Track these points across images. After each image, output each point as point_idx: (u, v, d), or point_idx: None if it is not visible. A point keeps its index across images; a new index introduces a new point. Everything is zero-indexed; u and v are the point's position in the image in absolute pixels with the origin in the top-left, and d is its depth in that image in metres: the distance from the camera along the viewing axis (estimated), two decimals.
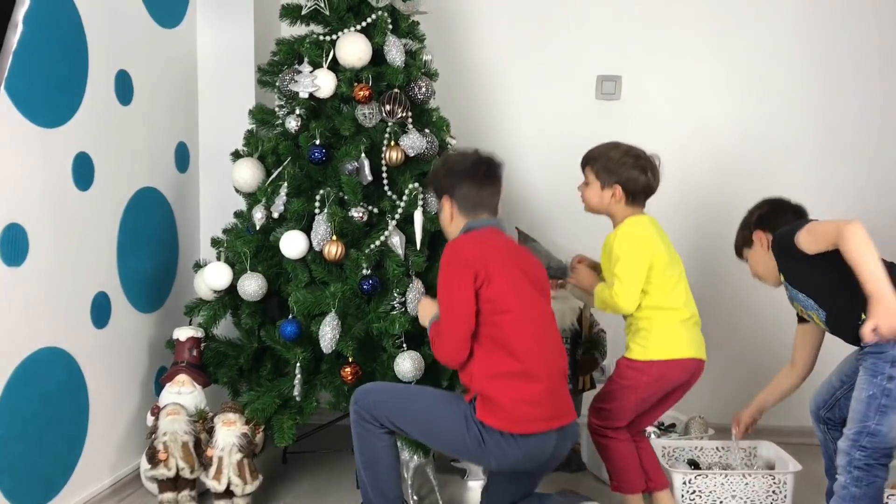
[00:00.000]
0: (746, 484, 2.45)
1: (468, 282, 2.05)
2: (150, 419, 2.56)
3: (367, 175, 2.54)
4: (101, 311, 2.47)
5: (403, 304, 2.48)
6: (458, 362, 2.10)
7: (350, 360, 2.43)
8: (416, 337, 2.48)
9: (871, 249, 1.92)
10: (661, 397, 2.38)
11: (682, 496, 2.44)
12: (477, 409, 2.04)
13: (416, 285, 2.49)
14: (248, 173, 2.63)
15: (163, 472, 2.41)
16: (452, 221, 2.20)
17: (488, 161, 2.20)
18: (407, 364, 2.39)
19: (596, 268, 2.48)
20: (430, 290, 2.53)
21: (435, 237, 2.66)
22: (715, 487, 2.45)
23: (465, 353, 2.07)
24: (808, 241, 2.07)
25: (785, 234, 2.16)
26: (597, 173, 2.37)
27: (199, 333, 2.65)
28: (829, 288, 2.10)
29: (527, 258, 2.22)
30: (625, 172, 2.33)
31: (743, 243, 2.40)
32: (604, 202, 2.37)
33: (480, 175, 2.18)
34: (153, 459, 2.42)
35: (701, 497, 2.45)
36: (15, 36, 0.89)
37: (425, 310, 2.27)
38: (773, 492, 2.44)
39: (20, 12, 0.87)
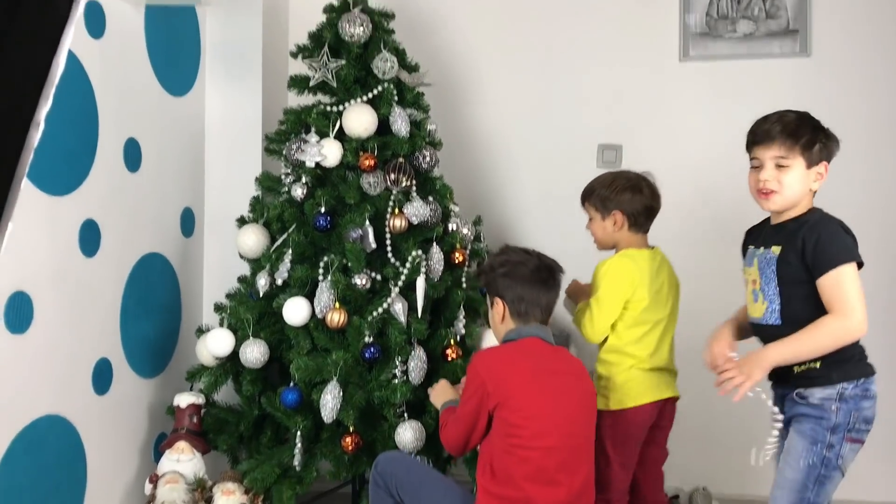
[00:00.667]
0: None
1: (477, 400, 2.00)
2: (148, 487, 2.52)
3: (371, 242, 2.56)
4: (102, 377, 2.47)
5: (405, 372, 2.47)
6: (457, 455, 2.13)
7: (351, 429, 2.41)
8: (418, 406, 2.47)
9: (827, 347, 1.88)
10: (643, 444, 2.32)
11: None
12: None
13: (418, 353, 2.48)
14: (253, 239, 2.66)
15: None
16: (502, 323, 2.13)
17: (550, 267, 2.13)
18: (408, 434, 2.38)
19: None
20: (432, 360, 2.53)
21: (437, 304, 2.67)
22: None
23: (461, 454, 2.12)
24: (828, 287, 1.88)
25: (833, 253, 1.90)
26: (595, 206, 2.39)
27: (200, 400, 2.63)
28: (804, 314, 1.93)
29: (567, 375, 2.08)
30: (619, 197, 2.34)
31: None
32: (608, 232, 2.38)
33: (540, 281, 2.10)
34: None
35: None
36: (37, 135, 0.91)
37: (440, 394, 2.26)
38: None
39: (42, 112, 0.89)
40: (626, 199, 2.34)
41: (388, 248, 2.60)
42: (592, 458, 2.09)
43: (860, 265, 1.93)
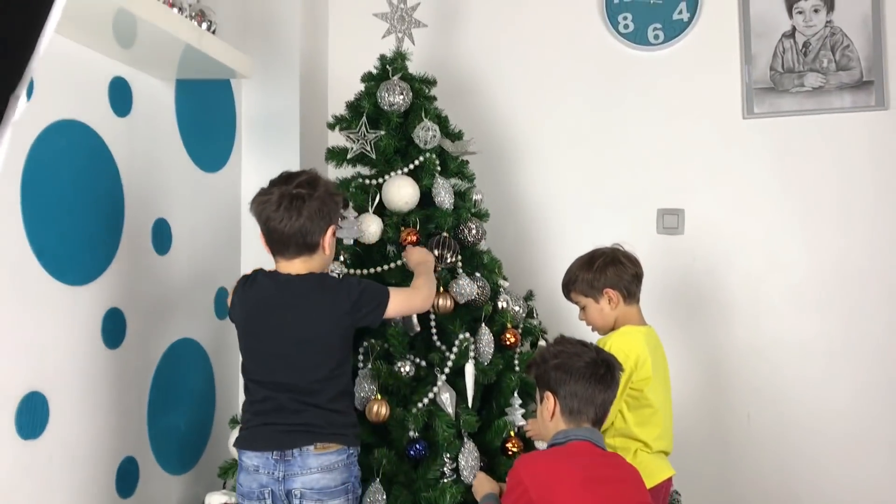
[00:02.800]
0: None
1: None
2: None
3: (416, 325, 2.35)
4: (127, 478, 2.28)
5: (455, 470, 2.24)
6: None
7: None
8: None
9: None
10: None
11: None
12: None
13: (469, 448, 2.25)
14: None
15: None
16: (552, 420, 1.92)
17: (608, 363, 1.92)
18: None
19: None
20: (487, 454, 2.30)
21: (487, 391, 2.44)
22: None
23: None
24: None
25: None
26: (583, 293, 2.33)
27: (233, 499, 2.42)
28: None
29: (620, 483, 1.86)
30: (603, 275, 2.29)
31: None
32: (605, 314, 2.31)
33: (596, 377, 1.89)
34: None
35: None
36: (15, 107, 0.79)
37: (480, 486, 2.06)
38: None
39: (24, 86, 0.77)
40: (611, 274, 2.30)
41: (434, 331, 2.39)
42: None
43: None
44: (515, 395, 2.41)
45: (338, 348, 1.96)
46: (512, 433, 2.35)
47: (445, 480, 2.21)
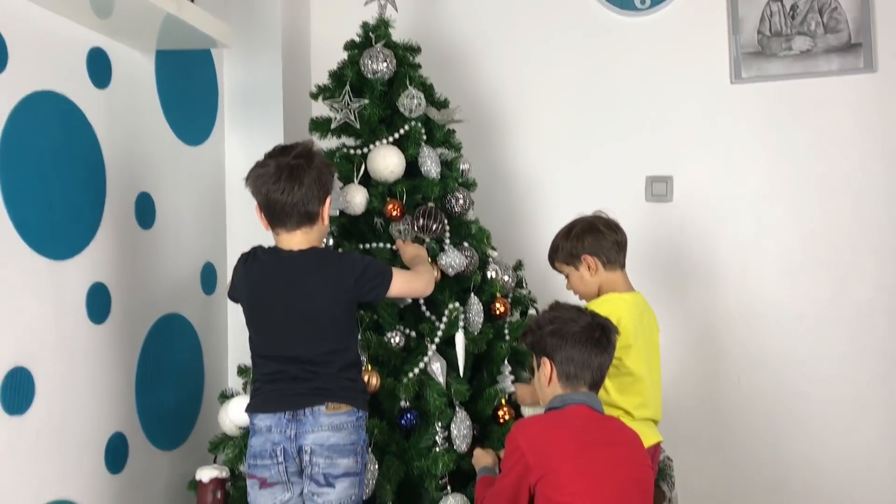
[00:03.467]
0: None
1: (517, 473, 1.78)
2: None
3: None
4: (116, 454, 2.26)
5: (447, 438, 2.23)
6: None
7: None
8: (463, 477, 2.22)
9: None
10: None
11: None
12: None
13: (461, 417, 2.24)
14: None
15: None
16: (549, 386, 1.91)
17: (603, 326, 1.92)
18: None
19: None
20: (479, 422, 2.30)
21: (479, 361, 2.43)
22: None
23: None
24: None
25: None
26: (565, 262, 2.33)
27: (224, 473, 2.41)
28: None
29: (619, 447, 1.85)
30: (581, 242, 2.30)
31: None
32: (586, 281, 2.31)
33: (592, 341, 1.89)
34: None
35: None
36: None
37: (478, 459, 2.09)
38: None
39: None
40: (589, 242, 2.31)
41: (423, 302, 2.38)
42: None
43: None
44: (506, 363, 2.41)
45: (344, 322, 1.96)
46: (503, 401, 2.34)
47: (438, 449, 2.20)
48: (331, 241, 2.38)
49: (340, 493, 1.88)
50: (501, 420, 2.31)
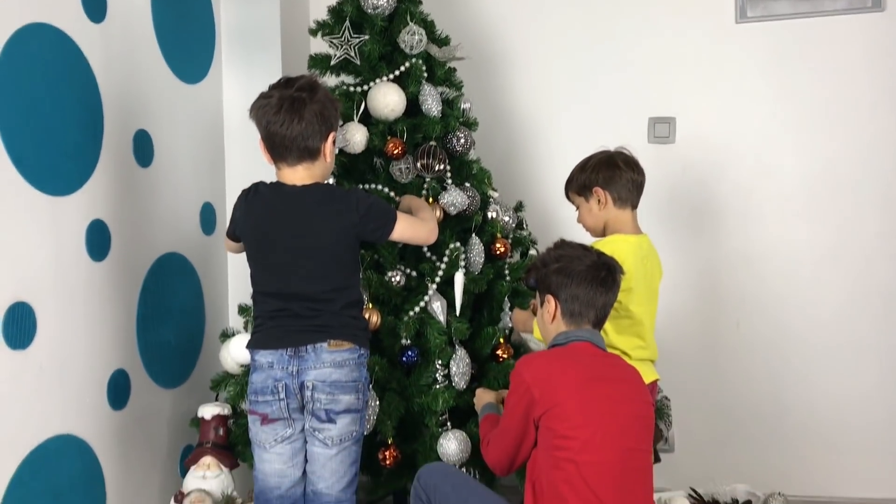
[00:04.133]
0: None
1: (523, 408, 1.79)
2: None
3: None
4: (119, 390, 2.28)
5: (447, 376, 2.25)
6: (502, 474, 1.93)
7: (389, 441, 2.20)
8: (463, 414, 2.24)
9: None
10: None
11: None
12: None
13: (461, 355, 2.26)
14: None
15: None
16: (552, 323, 1.91)
17: (609, 265, 1.90)
18: (452, 445, 2.16)
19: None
20: (479, 361, 2.31)
21: (479, 300, 2.44)
22: None
23: (507, 472, 1.91)
24: None
25: None
26: (577, 192, 2.29)
27: (226, 410, 2.44)
28: None
29: (621, 383, 1.86)
30: (596, 175, 2.25)
31: None
32: (594, 214, 2.26)
33: (598, 280, 1.88)
34: None
35: None
36: None
37: (480, 398, 2.09)
38: None
39: None
40: (603, 175, 2.25)
41: None
42: (651, 481, 1.85)
43: None
44: (507, 300, 2.41)
45: (346, 259, 1.94)
46: (501, 340, 2.35)
47: (438, 386, 2.22)
48: (331, 180, 2.36)
49: (342, 428, 1.89)
50: (500, 359, 2.33)
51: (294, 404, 1.88)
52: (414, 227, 2.05)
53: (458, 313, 2.32)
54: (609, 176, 2.24)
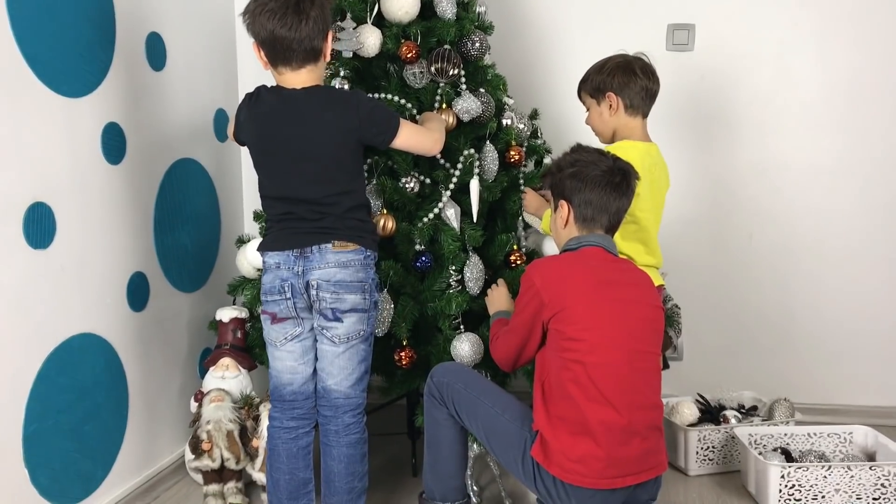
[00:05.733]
0: (852, 477, 2.20)
1: (532, 310, 1.83)
2: (193, 405, 2.42)
3: None
4: (138, 292, 2.33)
5: (460, 281, 2.27)
6: (507, 370, 2.00)
7: (404, 342, 2.24)
8: (475, 318, 2.28)
9: None
10: None
11: (781, 491, 2.21)
12: (534, 445, 1.82)
13: (474, 261, 2.28)
14: None
15: (207, 463, 2.27)
16: (565, 228, 1.92)
17: (624, 171, 1.89)
18: (465, 347, 2.19)
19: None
20: (492, 267, 2.33)
21: (493, 208, 2.44)
22: (816, 481, 2.21)
23: (512, 369, 1.99)
24: None
25: None
26: (589, 94, 2.29)
27: (243, 314, 2.49)
28: None
29: (630, 287, 1.87)
30: (611, 79, 2.24)
31: None
32: (604, 119, 2.27)
33: (612, 185, 1.87)
34: (197, 450, 2.28)
35: (801, 492, 2.21)
36: None
37: (495, 301, 2.13)
38: (882, 485, 2.20)
39: None
40: (618, 80, 2.23)
41: None
42: (658, 382, 1.88)
43: None
44: (520, 214, 2.42)
45: (349, 163, 1.94)
46: (514, 247, 2.36)
47: (451, 291, 2.25)
48: (346, 85, 2.34)
49: (349, 327, 1.93)
50: (513, 265, 2.35)
51: (301, 304, 1.92)
52: (419, 134, 2.04)
53: (474, 220, 2.33)
54: (624, 82, 2.21)
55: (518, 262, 2.35)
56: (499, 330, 2.01)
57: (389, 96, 2.35)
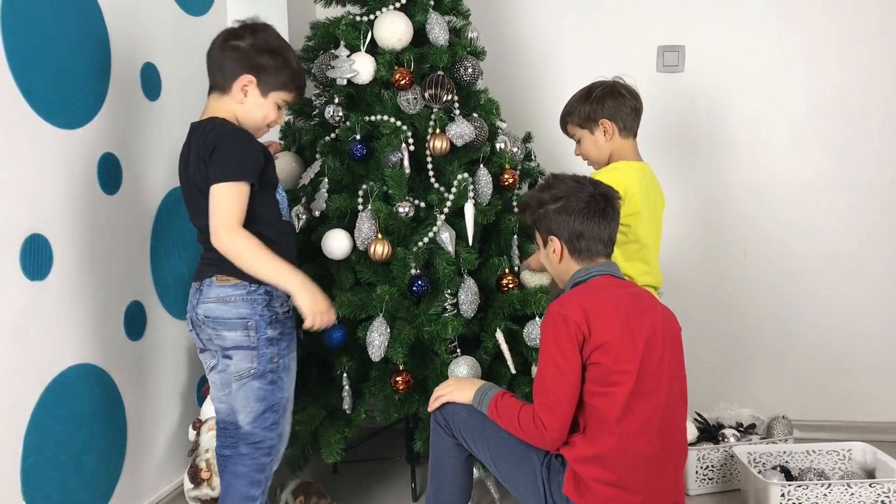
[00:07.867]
0: (852, 494, 2.20)
1: (575, 347, 1.73)
2: (191, 434, 2.41)
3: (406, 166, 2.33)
4: (135, 321, 2.33)
5: (456, 305, 2.28)
6: (564, 438, 1.79)
7: (400, 367, 2.24)
8: (471, 341, 2.29)
9: None
10: None
11: None
12: (565, 481, 1.78)
13: (469, 284, 2.29)
14: (287, 168, 2.46)
15: (206, 492, 2.27)
16: (561, 263, 1.89)
17: (606, 195, 1.86)
18: (463, 370, 2.20)
19: None
20: (485, 291, 2.34)
21: (487, 231, 2.46)
22: (817, 499, 2.21)
23: (566, 434, 1.79)
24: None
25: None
26: (580, 125, 2.29)
27: None
28: None
29: (653, 317, 1.82)
30: (601, 106, 2.25)
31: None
32: (601, 146, 2.28)
33: (598, 213, 1.84)
34: (196, 479, 2.27)
35: None
36: None
37: (461, 389, 1.96)
38: (882, 502, 2.20)
39: None
40: (608, 105, 2.26)
41: (431, 172, 2.38)
42: (686, 407, 1.87)
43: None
44: (514, 236, 2.43)
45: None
46: (506, 270, 2.36)
47: (447, 314, 2.26)
48: (340, 112, 2.36)
49: (238, 364, 1.87)
50: (505, 288, 2.35)
51: (204, 335, 1.92)
52: (221, 208, 1.80)
53: (469, 243, 2.34)
54: (614, 106, 2.24)
55: (511, 286, 2.35)
56: (518, 402, 1.85)
57: (385, 118, 2.37)
